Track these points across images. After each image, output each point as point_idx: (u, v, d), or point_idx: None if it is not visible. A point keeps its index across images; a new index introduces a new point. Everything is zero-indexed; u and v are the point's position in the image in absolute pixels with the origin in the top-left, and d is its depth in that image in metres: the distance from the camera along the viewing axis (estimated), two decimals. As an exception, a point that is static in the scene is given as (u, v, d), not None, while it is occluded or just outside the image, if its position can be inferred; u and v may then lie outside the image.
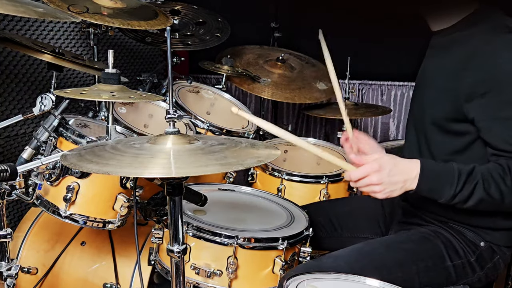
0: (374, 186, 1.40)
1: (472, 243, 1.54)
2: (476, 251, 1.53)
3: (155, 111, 2.28)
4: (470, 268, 1.53)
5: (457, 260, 1.52)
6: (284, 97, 2.61)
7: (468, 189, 1.38)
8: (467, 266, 1.52)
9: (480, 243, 1.53)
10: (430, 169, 1.41)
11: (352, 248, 1.57)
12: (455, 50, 1.50)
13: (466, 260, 1.52)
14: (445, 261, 1.51)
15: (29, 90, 2.27)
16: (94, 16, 1.85)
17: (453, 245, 1.54)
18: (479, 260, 1.53)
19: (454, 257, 1.52)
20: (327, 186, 2.15)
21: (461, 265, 1.52)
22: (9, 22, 2.16)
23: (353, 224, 1.83)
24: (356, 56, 2.74)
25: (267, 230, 1.62)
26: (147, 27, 2.02)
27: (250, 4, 3.34)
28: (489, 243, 1.53)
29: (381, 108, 2.83)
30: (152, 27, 2.06)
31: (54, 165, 1.61)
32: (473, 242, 1.54)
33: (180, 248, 1.23)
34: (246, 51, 2.83)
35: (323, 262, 1.52)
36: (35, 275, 1.94)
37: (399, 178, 1.40)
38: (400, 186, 1.41)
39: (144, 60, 3.03)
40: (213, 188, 1.95)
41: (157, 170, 1.07)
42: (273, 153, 1.21)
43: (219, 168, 1.10)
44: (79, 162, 1.13)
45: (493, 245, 1.53)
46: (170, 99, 1.25)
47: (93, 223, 1.69)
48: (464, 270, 1.52)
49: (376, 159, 1.42)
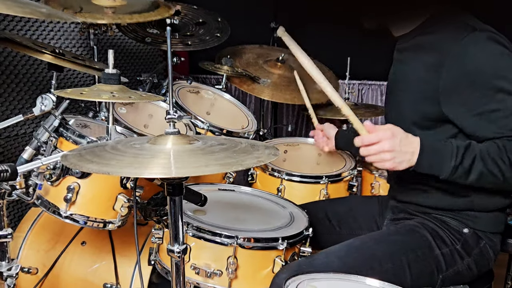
0: (385, 153, 1.40)
1: (456, 231, 1.56)
2: (461, 238, 1.55)
3: (155, 111, 2.29)
4: (458, 255, 1.55)
5: (445, 248, 1.54)
6: (284, 98, 2.61)
7: (467, 162, 1.39)
8: (455, 253, 1.55)
9: (463, 230, 1.56)
10: (429, 144, 1.42)
11: (342, 244, 1.58)
12: (425, 52, 1.53)
13: (453, 248, 1.55)
14: (434, 250, 1.54)
15: (29, 90, 2.28)
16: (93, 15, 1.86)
17: (439, 234, 1.56)
18: (464, 246, 1.55)
19: (441, 246, 1.54)
20: (327, 186, 2.15)
21: (449, 252, 1.54)
22: (9, 22, 2.16)
23: (352, 223, 1.84)
24: (356, 56, 2.74)
25: (267, 230, 1.62)
26: (148, 18, 2.01)
27: (250, 4, 3.34)
28: (472, 229, 1.56)
29: (381, 108, 2.83)
30: (154, 17, 2.06)
31: (55, 165, 1.61)
32: (456, 230, 1.56)
33: (180, 248, 1.23)
34: (246, 51, 2.83)
35: (315, 259, 1.53)
36: (36, 275, 1.95)
37: (408, 149, 1.40)
38: (408, 158, 1.41)
39: (144, 60, 3.04)
40: (213, 188, 1.95)
41: (157, 170, 1.07)
42: (273, 153, 1.22)
43: (219, 168, 1.10)
44: (80, 162, 1.13)
45: (477, 231, 1.56)
46: (170, 100, 1.25)
47: (93, 223, 1.69)
48: (453, 258, 1.54)
49: (389, 127, 1.42)
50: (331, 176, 2.18)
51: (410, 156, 1.41)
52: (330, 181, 2.16)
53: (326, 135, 2.21)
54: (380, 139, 1.41)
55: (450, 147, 1.41)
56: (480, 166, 1.39)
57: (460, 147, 1.41)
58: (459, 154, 1.39)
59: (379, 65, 3.12)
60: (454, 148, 1.41)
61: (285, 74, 2.70)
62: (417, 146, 1.41)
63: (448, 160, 1.40)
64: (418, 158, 1.41)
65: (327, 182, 2.15)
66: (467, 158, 1.39)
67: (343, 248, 1.56)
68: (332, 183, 2.17)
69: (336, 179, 2.19)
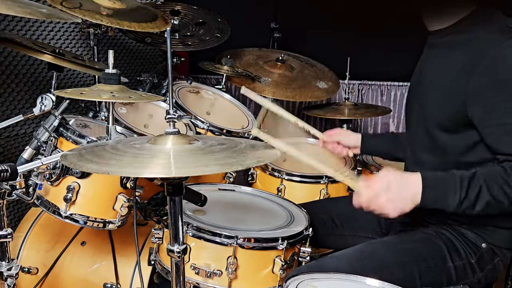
0: (385, 205, 1.36)
1: (474, 244, 1.53)
2: (477, 252, 1.52)
3: (155, 111, 2.29)
4: (471, 269, 1.52)
5: (458, 261, 1.51)
6: (285, 96, 2.61)
7: (473, 193, 1.35)
8: (468, 267, 1.52)
9: (482, 244, 1.53)
10: (432, 178, 1.38)
11: (354, 249, 1.56)
12: (459, 51, 1.48)
13: (467, 261, 1.52)
14: (447, 261, 1.51)
15: (29, 90, 2.28)
16: (93, 15, 1.85)
17: (455, 246, 1.53)
18: (479, 261, 1.52)
19: (455, 258, 1.51)
20: (327, 186, 2.15)
21: (462, 266, 1.51)
22: (9, 23, 2.16)
23: (355, 223, 1.83)
24: (356, 56, 2.74)
25: (267, 230, 1.62)
26: (146, 29, 2.02)
27: (250, 4, 3.35)
28: (490, 245, 1.53)
29: (381, 108, 2.83)
30: (151, 29, 2.06)
31: (55, 165, 1.61)
32: (474, 243, 1.53)
33: (180, 248, 1.23)
34: (245, 53, 2.83)
35: (325, 263, 1.52)
36: (36, 275, 1.94)
37: (409, 192, 1.37)
38: (411, 200, 1.36)
39: (144, 60, 3.04)
40: (213, 188, 1.95)
41: (157, 170, 1.07)
42: (273, 153, 1.22)
43: (218, 168, 1.10)
44: (79, 162, 1.13)
45: (494, 247, 1.53)
46: (170, 100, 1.25)
47: (93, 223, 1.69)
48: (464, 271, 1.52)
49: (384, 175, 1.39)
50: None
51: (412, 198, 1.36)
52: (330, 181, 2.16)
53: (344, 145, 1.98)
54: (377, 192, 1.37)
55: (454, 180, 1.37)
56: (485, 195, 1.34)
57: (464, 179, 1.36)
58: (463, 186, 1.35)
59: (379, 65, 3.15)
60: (457, 180, 1.36)
61: (286, 73, 2.71)
62: (419, 184, 1.37)
63: (452, 194, 1.35)
64: (422, 196, 1.36)
65: (327, 182, 2.15)
66: (472, 189, 1.35)
67: (354, 254, 1.53)
68: (332, 183, 2.17)
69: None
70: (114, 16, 1.93)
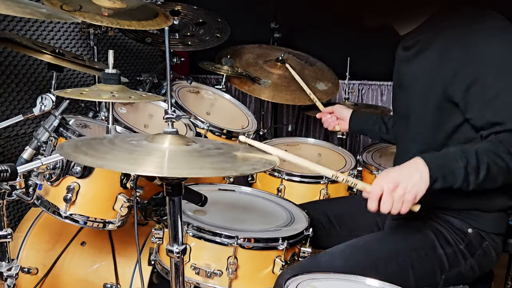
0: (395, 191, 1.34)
1: (460, 231, 1.55)
2: (465, 238, 1.54)
3: (155, 111, 2.29)
4: (462, 255, 1.54)
5: (448, 248, 1.54)
6: (284, 99, 2.62)
7: (472, 160, 1.34)
8: (459, 253, 1.54)
9: (468, 230, 1.55)
10: (431, 156, 1.38)
11: (346, 245, 1.58)
12: (434, 43, 1.52)
13: (457, 248, 1.54)
14: (437, 249, 1.53)
15: (29, 90, 2.28)
16: (93, 16, 1.85)
17: (442, 234, 1.55)
18: (468, 247, 1.54)
19: (445, 246, 1.54)
20: (327, 186, 2.15)
21: (453, 253, 1.53)
22: (9, 23, 2.16)
23: (352, 223, 1.84)
24: (356, 56, 2.74)
25: (267, 230, 1.62)
26: (147, 27, 2.02)
27: (250, 4, 3.35)
28: (476, 229, 1.54)
29: (381, 108, 2.83)
30: (152, 27, 2.07)
31: (55, 165, 1.61)
32: (460, 229, 1.55)
33: (180, 249, 1.23)
34: (245, 51, 2.83)
35: (319, 260, 1.52)
36: (36, 275, 1.95)
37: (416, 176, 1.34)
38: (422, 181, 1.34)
39: (144, 60, 3.04)
40: (213, 188, 1.95)
41: (150, 168, 1.06)
42: (270, 160, 1.21)
43: (212, 172, 1.10)
44: (74, 153, 1.11)
45: (480, 231, 1.55)
46: (169, 99, 1.25)
47: (93, 223, 1.69)
48: (456, 258, 1.54)
49: (383, 172, 1.40)
50: (331, 176, 2.17)
51: (421, 179, 1.33)
52: (330, 181, 2.15)
53: (337, 116, 2.22)
54: (381, 184, 1.35)
55: (450, 152, 1.38)
56: (485, 159, 1.34)
57: (458, 150, 1.38)
58: (462, 156, 1.35)
59: (379, 65, 3.13)
60: (453, 152, 1.38)
61: (285, 74, 2.70)
62: (422, 164, 1.35)
63: (455, 162, 1.35)
64: (429, 172, 1.33)
65: (327, 182, 2.15)
66: (470, 156, 1.35)
67: (347, 249, 1.55)
68: (332, 183, 2.16)
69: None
70: (114, 16, 1.93)
